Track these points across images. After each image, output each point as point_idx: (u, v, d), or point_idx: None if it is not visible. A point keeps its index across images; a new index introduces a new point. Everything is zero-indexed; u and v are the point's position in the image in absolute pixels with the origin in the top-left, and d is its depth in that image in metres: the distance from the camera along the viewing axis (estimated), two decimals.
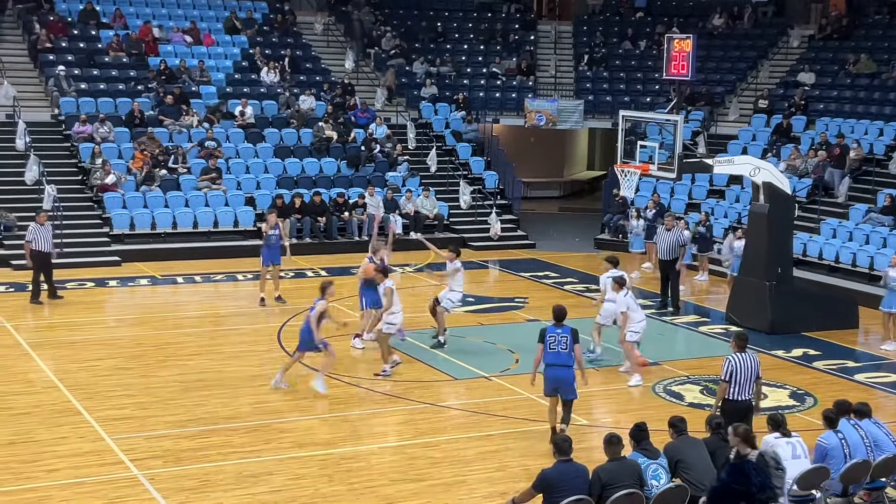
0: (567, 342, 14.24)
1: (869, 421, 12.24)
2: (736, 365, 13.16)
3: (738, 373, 13.13)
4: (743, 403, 13.16)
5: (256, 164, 30.74)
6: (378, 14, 39.72)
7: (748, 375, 13.18)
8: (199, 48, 35.00)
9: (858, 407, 12.42)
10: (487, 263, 28.57)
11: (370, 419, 15.56)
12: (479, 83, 37.95)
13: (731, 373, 13.12)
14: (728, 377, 13.13)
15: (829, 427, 11.99)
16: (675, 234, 23.19)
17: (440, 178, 32.53)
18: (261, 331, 20.57)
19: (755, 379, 13.31)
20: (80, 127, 29.81)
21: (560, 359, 14.27)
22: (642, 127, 23.04)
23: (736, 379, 13.11)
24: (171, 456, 13.81)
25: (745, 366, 13.19)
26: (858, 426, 12.06)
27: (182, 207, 28.40)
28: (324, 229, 29.15)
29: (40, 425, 14.86)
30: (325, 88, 34.72)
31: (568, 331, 14.32)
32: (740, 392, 13.15)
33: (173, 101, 31.52)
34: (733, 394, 13.15)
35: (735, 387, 13.12)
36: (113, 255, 26.67)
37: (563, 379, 14.29)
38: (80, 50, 33.45)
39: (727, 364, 13.21)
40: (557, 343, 14.29)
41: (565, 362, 14.28)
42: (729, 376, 13.12)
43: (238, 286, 25.10)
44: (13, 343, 19.27)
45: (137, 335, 19.94)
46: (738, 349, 13.46)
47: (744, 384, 13.14)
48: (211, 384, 17.08)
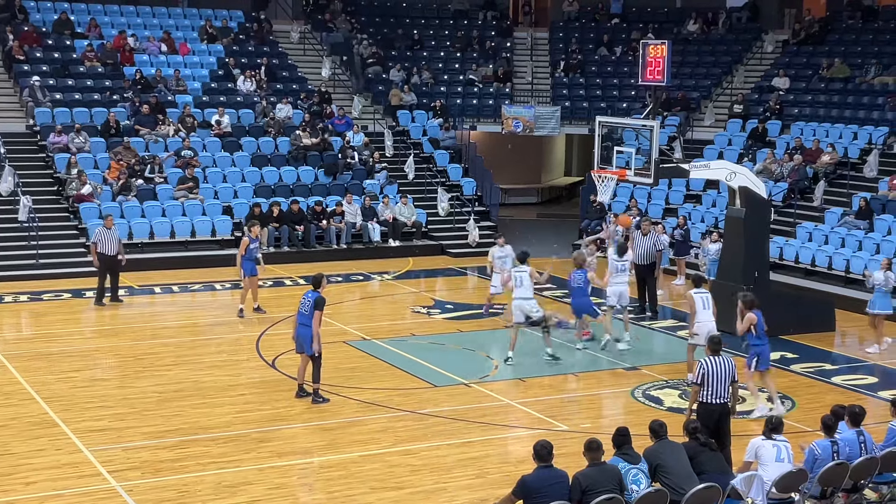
0: (309, 306, 16.14)
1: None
2: (708, 368, 13.20)
3: (711, 376, 13.15)
4: (716, 407, 13.17)
5: (233, 173, 30.66)
6: (354, 22, 39.71)
7: (722, 379, 13.19)
8: (174, 57, 34.91)
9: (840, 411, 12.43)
10: (466, 270, 28.57)
11: (350, 427, 15.52)
12: (455, 90, 37.98)
13: (703, 376, 13.17)
14: (700, 380, 13.19)
15: (827, 434, 11.99)
16: (652, 239, 23.26)
17: (418, 186, 32.54)
18: (239, 340, 20.51)
19: (731, 382, 13.32)
20: (56, 137, 29.68)
21: (302, 319, 16.28)
22: (619, 133, 23.10)
23: (708, 382, 13.13)
24: (150, 467, 13.74)
25: (718, 369, 13.22)
26: (864, 441, 12.04)
27: (159, 217, 28.29)
28: (302, 238, 29.10)
29: (17, 437, 14.77)
30: (302, 97, 34.68)
31: (312, 296, 16.20)
32: (714, 395, 13.17)
33: (149, 110, 31.41)
34: (706, 397, 13.18)
35: (708, 390, 13.15)
36: (89, 265, 26.51)
37: (304, 336, 16.23)
38: (54, 60, 33.30)
39: (699, 368, 13.28)
40: (303, 305, 16.32)
41: (306, 322, 16.19)
42: (701, 379, 13.18)
43: (216, 296, 25.01)
44: None
45: (115, 346, 19.84)
46: (712, 352, 13.52)
47: (717, 388, 13.16)
48: (189, 394, 17.01)
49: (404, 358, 19.34)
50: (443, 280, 27.69)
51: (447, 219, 31.73)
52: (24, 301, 23.67)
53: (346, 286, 26.17)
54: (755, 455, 11.68)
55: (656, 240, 23.35)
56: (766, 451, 11.58)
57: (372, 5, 41.29)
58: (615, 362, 19.32)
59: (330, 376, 17.86)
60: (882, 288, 20.52)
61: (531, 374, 18.54)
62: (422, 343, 20.48)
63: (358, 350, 19.91)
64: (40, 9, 35.37)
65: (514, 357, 18.92)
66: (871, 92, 33.03)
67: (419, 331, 21.62)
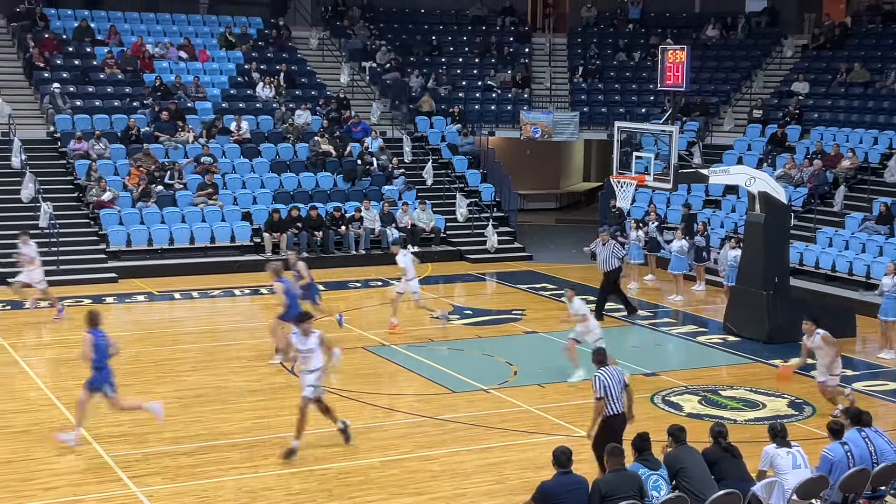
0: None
1: (870, 430, 12.22)
2: (607, 380, 12.98)
3: (611, 387, 12.96)
4: (620, 416, 13.03)
5: (253, 180, 30.74)
6: (373, 28, 39.78)
7: (618, 387, 13.04)
8: (194, 64, 35.04)
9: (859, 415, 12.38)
10: (485, 276, 28.56)
11: (369, 433, 15.53)
12: (474, 96, 38.00)
13: (606, 388, 12.92)
14: (603, 393, 12.91)
15: (835, 438, 11.95)
16: (610, 248, 23.28)
17: (436, 192, 32.55)
18: (259, 346, 20.53)
19: (623, 388, 13.15)
20: (76, 144, 29.82)
21: None
22: (638, 138, 23.03)
23: (610, 394, 12.93)
24: (170, 472, 13.78)
25: (614, 379, 13.05)
26: (868, 438, 12.00)
27: (178, 223, 28.38)
28: (320, 244, 29.14)
29: (38, 443, 14.83)
30: (321, 103, 34.76)
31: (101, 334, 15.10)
32: (615, 406, 12.97)
33: (169, 117, 31.54)
34: (611, 409, 12.95)
35: (610, 402, 12.93)
36: (109, 271, 26.63)
37: None
38: (74, 67, 33.48)
39: (598, 381, 12.98)
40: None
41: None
42: (604, 392, 12.91)
43: (235, 301, 25.07)
44: (10, 361, 19.25)
45: (135, 352, 19.88)
46: (601, 364, 13.30)
47: (616, 397, 12.99)
48: (209, 400, 17.05)
49: (423, 364, 19.35)
50: (461, 285, 27.68)
51: (466, 224, 31.73)
52: (45, 307, 23.75)
53: (365, 292, 26.21)
54: (770, 464, 11.62)
55: (613, 248, 23.32)
56: (781, 459, 11.52)
57: (390, 11, 41.35)
58: (634, 368, 19.27)
59: (350, 382, 17.90)
60: (892, 294, 20.39)
61: (550, 380, 18.52)
62: (441, 349, 20.48)
63: (377, 356, 19.94)
64: (61, 16, 35.56)
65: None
66: (891, 96, 32.88)
67: (438, 337, 21.62)
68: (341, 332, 21.27)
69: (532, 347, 21.02)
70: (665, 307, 25.00)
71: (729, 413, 16.68)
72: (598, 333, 18.29)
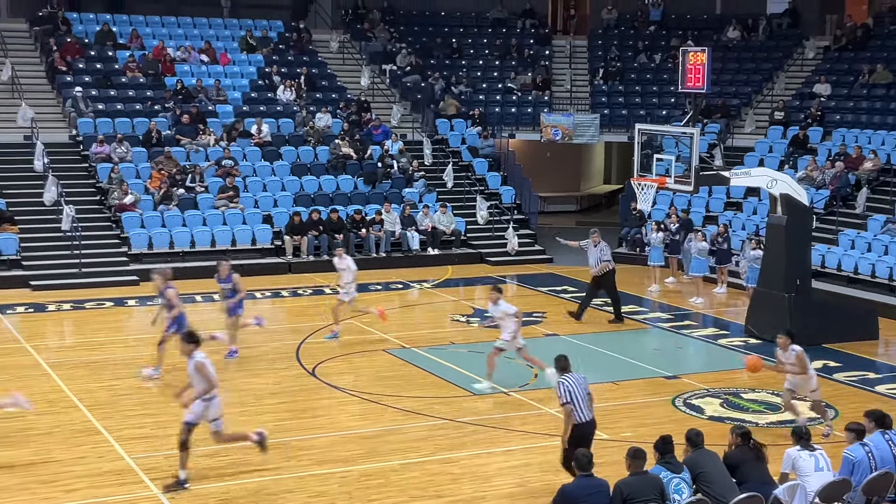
0: None
1: (893, 433, 12.14)
2: (572, 385, 12.78)
3: (576, 392, 12.76)
4: (590, 424, 12.86)
5: (274, 182, 30.82)
6: (393, 31, 39.84)
7: (583, 393, 12.85)
8: (215, 67, 35.16)
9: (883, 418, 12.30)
10: (505, 278, 28.54)
11: (389, 435, 15.53)
12: (494, 98, 38.00)
13: (571, 393, 12.72)
14: (569, 398, 12.71)
15: (857, 439, 11.88)
16: (600, 250, 23.10)
17: (457, 194, 32.55)
18: (279, 348, 20.57)
19: (588, 395, 12.96)
20: (98, 147, 29.96)
21: None
22: (658, 140, 23.00)
23: (576, 400, 12.73)
24: (192, 474, 13.79)
25: (579, 385, 12.85)
26: (892, 441, 11.91)
27: (200, 226, 28.47)
28: (341, 246, 29.14)
29: (60, 445, 14.89)
30: (341, 106, 34.82)
31: None
32: (583, 413, 12.78)
33: (190, 120, 31.64)
34: (579, 416, 12.75)
35: (578, 409, 12.74)
36: (131, 274, 26.73)
37: None
38: (96, 71, 33.64)
39: (563, 387, 12.77)
40: None
41: None
42: (569, 397, 12.71)
43: (256, 304, 25.07)
44: (33, 363, 19.33)
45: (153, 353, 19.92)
46: (564, 370, 13.08)
47: (583, 403, 12.79)
48: (230, 402, 17.06)
49: (444, 366, 19.34)
50: (482, 288, 27.66)
51: (486, 227, 31.71)
52: (68, 309, 23.88)
53: (386, 294, 26.21)
54: (792, 467, 11.57)
55: (601, 250, 23.11)
56: (804, 461, 11.46)
57: (411, 14, 41.40)
58: (655, 371, 19.23)
59: (370, 384, 17.91)
60: None
61: None
62: (461, 351, 20.48)
63: (398, 358, 19.94)
64: (83, 20, 35.76)
65: None
66: None
67: (458, 339, 21.61)
68: (363, 335, 21.29)
69: (553, 350, 20.87)
70: (686, 309, 24.93)
71: (751, 416, 16.61)
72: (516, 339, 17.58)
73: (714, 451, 11.58)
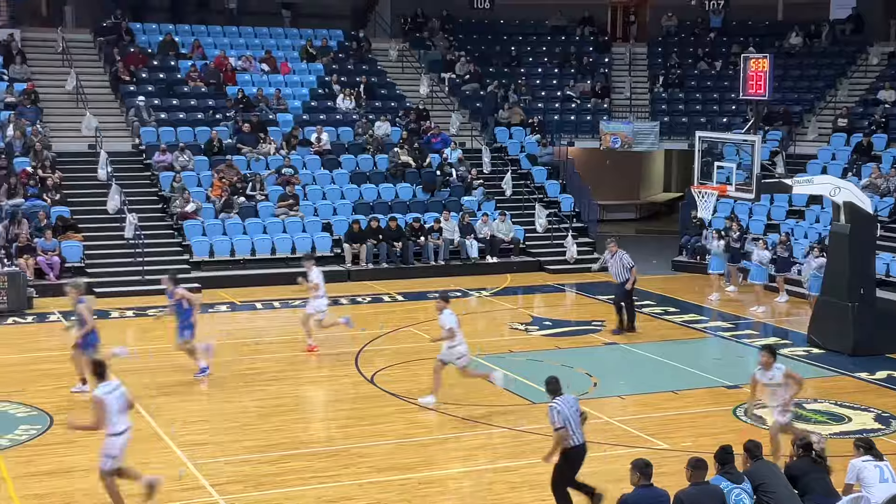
0: None
1: None
2: (564, 409, 12.43)
3: (569, 416, 12.41)
4: (581, 448, 12.53)
5: (333, 191, 30.98)
6: (452, 39, 39.92)
7: (576, 417, 12.52)
8: (275, 76, 35.45)
9: None
10: (564, 287, 28.45)
11: (448, 444, 15.55)
12: (553, 106, 37.93)
13: (565, 418, 12.37)
14: (563, 423, 12.35)
15: None
16: (618, 258, 22.83)
17: (515, 202, 32.51)
18: (339, 356, 20.65)
19: (581, 417, 12.65)
20: (161, 156, 30.30)
21: None
22: (719, 147, 22.83)
23: (570, 424, 12.39)
24: (252, 481, 13.91)
25: (571, 408, 12.51)
26: None
27: (260, 234, 28.70)
28: (400, 254, 29.25)
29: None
30: (400, 114, 34.94)
31: None
32: (577, 437, 12.46)
33: (251, 129, 31.91)
34: (573, 440, 12.43)
35: (572, 433, 12.41)
36: (193, 281, 26.93)
37: None
38: (159, 80, 34.05)
39: (554, 412, 12.38)
40: None
41: None
42: (564, 422, 12.35)
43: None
44: None
45: (217, 361, 20.11)
46: (555, 393, 12.67)
47: (575, 426, 12.46)
48: (290, 409, 17.19)
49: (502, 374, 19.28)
50: (541, 296, 27.61)
51: (545, 235, 31.64)
52: (130, 316, 24.17)
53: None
54: (857, 477, 11.41)
55: (621, 258, 22.84)
56: (868, 472, 11.30)
57: (469, 23, 41.45)
58: (716, 380, 19.07)
59: (428, 392, 17.91)
60: None
61: (631, 391, 18.39)
62: (520, 360, 20.44)
63: (456, 366, 19.91)
64: (146, 30, 36.22)
65: None
66: None
67: (517, 347, 21.58)
68: (422, 343, 21.32)
69: (612, 359, 20.90)
70: (747, 318, 24.69)
71: (813, 427, 16.39)
72: (462, 351, 17.20)
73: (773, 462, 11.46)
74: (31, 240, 26.32)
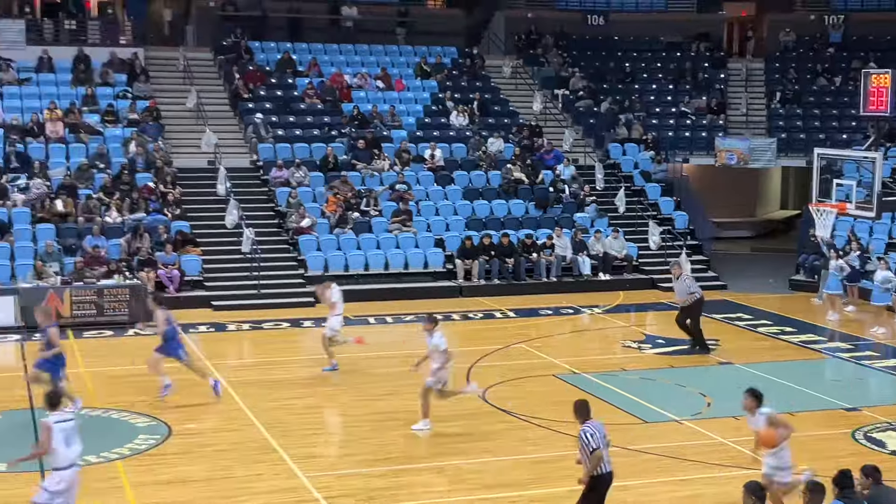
0: None
1: None
2: (597, 433, 12.04)
3: (601, 441, 12.03)
4: (609, 477, 12.16)
5: (446, 206, 31.15)
6: (566, 56, 39.88)
7: (605, 442, 12.13)
8: (390, 93, 35.81)
9: None
10: (677, 305, 28.08)
11: (559, 461, 15.46)
12: (668, 123, 37.60)
13: (598, 442, 12.00)
14: (597, 446, 11.95)
15: None
16: (683, 281, 22.49)
17: (629, 219, 32.28)
18: (452, 372, 20.68)
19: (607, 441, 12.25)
20: (277, 172, 30.82)
21: None
22: (838, 165, 22.45)
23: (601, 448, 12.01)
24: (363, 494, 14.02)
25: (599, 433, 12.11)
26: None
27: (374, 249, 28.98)
28: (512, 271, 29.26)
29: (238, 462, 15.31)
30: (514, 130, 35.00)
31: None
32: (605, 463, 12.09)
33: (365, 145, 32.27)
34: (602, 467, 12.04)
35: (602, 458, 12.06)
36: (308, 295, 27.31)
37: None
38: (277, 98, 34.66)
39: (588, 435, 12.00)
40: None
41: None
42: (598, 445, 11.96)
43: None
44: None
45: (331, 374, 20.35)
46: (585, 418, 12.27)
47: (605, 453, 12.07)
48: (402, 424, 17.28)
49: (615, 393, 19.17)
50: (653, 314, 27.35)
51: (658, 252, 31.34)
52: (246, 329, 24.59)
53: (556, 319, 26.16)
54: None
55: (684, 281, 22.52)
56: None
57: (584, 39, 41.37)
58: (834, 402, 18.67)
59: (540, 409, 17.88)
60: None
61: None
62: (632, 378, 20.27)
63: (568, 384, 19.85)
64: (264, 49, 36.91)
65: None
66: None
67: (630, 366, 21.41)
68: (533, 360, 21.29)
69: (727, 378, 20.58)
70: (867, 340, 24.12)
71: None
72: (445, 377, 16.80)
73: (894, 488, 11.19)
74: (152, 253, 26.98)
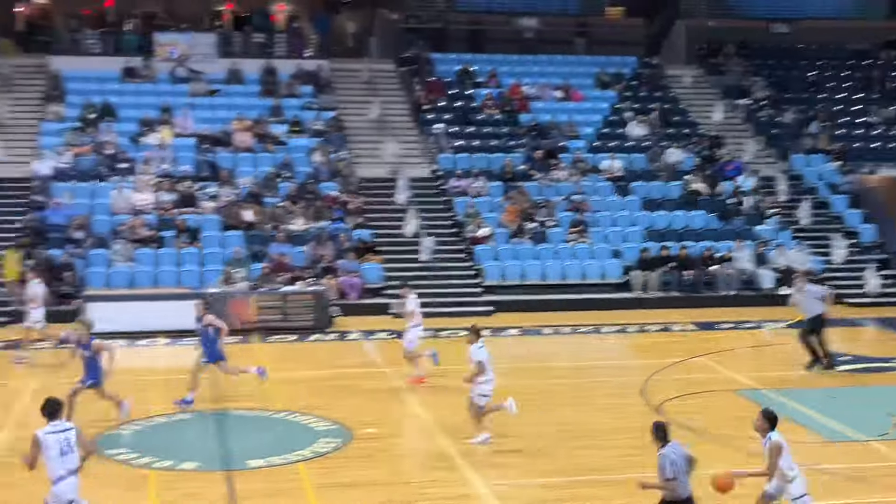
0: None
1: None
2: (676, 458, 11.49)
3: (680, 466, 11.46)
4: (689, 500, 11.55)
5: (624, 217, 30.96)
6: (748, 65, 39.15)
7: (685, 465, 11.53)
8: (568, 104, 35.83)
9: None
10: (864, 321, 27.28)
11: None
12: (855, 133, 36.51)
13: (676, 468, 11.45)
14: (673, 476, 11.43)
15: None
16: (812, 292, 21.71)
17: (813, 232, 31.47)
18: (626, 384, 20.60)
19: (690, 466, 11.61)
20: (456, 182, 31.20)
21: None
22: None
23: (679, 475, 11.45)
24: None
25: (679, 456, 11.54)
26: None
27: (550, 259, 29.03)
28: (690, 283, 28.88)
29: (416, 468, 15.57)
30: (694, 141, 34.54)
31: None
32: (685, 488, 11.51)
33: (543, 156, 32.35)
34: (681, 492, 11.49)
35: (681, 483, 11.48)
36: (486, 304, 27.56)
37: None
38: (456, 108, 35.06)
39: (667, 461, 11.47)
40: None
41: None
42: (674, 472, 11.43)
43: (603, 339, 25.28)
44: (390, 388, 20.28)
45: (507, 384, 20.41)
46: (664, 441, 11.69)
47: (683, 477, 11.49)
48: (578, 435, 17.28)
49: (796, 410, 18.73)
50: (838, 330, 26.55)
51: (844, 266, 30.45)
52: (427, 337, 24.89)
53: (737, 333, 25.72)
54: None
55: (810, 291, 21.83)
56: None
57: (766, 47, 40.54)
58: None
59: (719, 424, 17.62)
60: None
61: None
62: (816, 395, 19.76)
63: (747, 400, 19.49)
64: (445, 60, 37.39)
65: None
66: None
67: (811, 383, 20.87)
68: (713, 375, 20.98)
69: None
70: None
71: None
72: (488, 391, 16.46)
73: None
74: (335, 261, 27.64)
